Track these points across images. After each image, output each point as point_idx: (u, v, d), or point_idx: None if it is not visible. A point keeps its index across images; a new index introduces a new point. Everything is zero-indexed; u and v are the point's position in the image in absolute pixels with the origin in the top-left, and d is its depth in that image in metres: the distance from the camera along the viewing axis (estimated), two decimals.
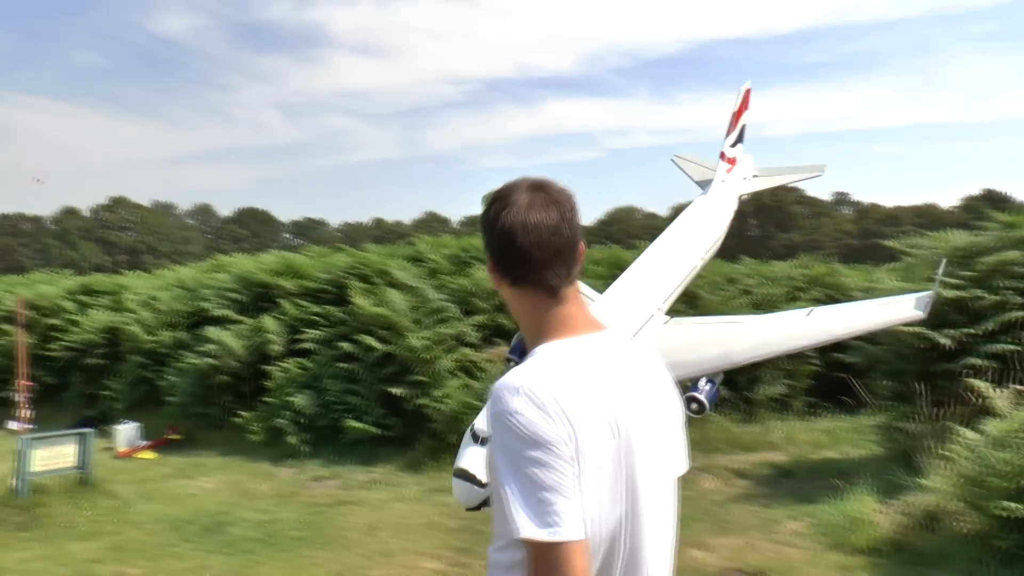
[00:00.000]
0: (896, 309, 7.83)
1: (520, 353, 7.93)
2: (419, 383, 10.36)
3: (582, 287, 4.12)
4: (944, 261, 8.19)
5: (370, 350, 10.72)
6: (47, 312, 14.82)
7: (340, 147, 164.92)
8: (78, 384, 14.06)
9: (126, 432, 11.96)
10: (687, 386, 7.84)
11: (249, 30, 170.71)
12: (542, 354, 1.84)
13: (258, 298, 12.59)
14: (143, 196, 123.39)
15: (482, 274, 11.49)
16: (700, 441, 10.26)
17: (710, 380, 7.95)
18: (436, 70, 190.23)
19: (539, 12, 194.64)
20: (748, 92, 11.24)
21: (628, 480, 1.77)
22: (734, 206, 10.67)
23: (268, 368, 11.32)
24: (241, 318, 12.21)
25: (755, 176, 11.26)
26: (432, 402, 10.07)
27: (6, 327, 14.66)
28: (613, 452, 1.74)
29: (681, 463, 1.99)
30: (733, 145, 10.95)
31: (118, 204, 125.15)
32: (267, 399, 11.04)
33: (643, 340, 2.16)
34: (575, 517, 1.66)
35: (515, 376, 1.77)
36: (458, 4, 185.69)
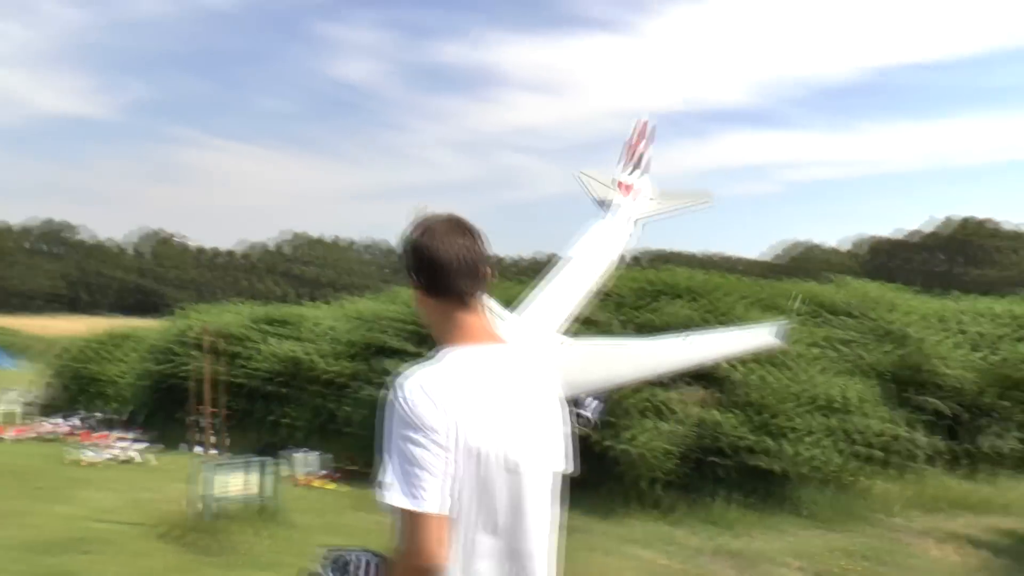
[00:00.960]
0: (757, 335, 9.09)
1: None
2: (607, 424, 9.76)
3: (491, 303, 5.60)
4: None
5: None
6: (233, 340, 15.19)
7: (510, 183, 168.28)
8: (261, 411, 14.27)
9: (305, 460, 11.96)
10: (576, 402, 8.60)
11: (425, 72, 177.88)
12: (444, 356, 2.13)
13: None
14: (324, 231, 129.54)
15: (672, 308, 10.84)
16: (918, 499, 9.18)
17: (597, 398, 8.95)
18: (605, 104, 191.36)
19: (709, 43, 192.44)
20: (645, 124, 11.90)
21: (495, 471, 2.03)
22: (630, 229, 11.27)
23: None
24: (419, 350, 12.01)
25: (651, 200, 11.77)
26: (621, 444, 9.45)
27: (195, 353, 15.11)
28: (485, 447, 2.01)
29: (561, 461, 2.26)
30: (630, 173, 11.55)
31: (300, 239, 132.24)
32: None
33: (536, 353, 2.54)
34: (438, 494, 1.95)
35: (417, 372, 2.06)
36: (627, 36, 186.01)
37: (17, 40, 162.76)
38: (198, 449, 11.72)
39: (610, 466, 9.63)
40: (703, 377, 10.08)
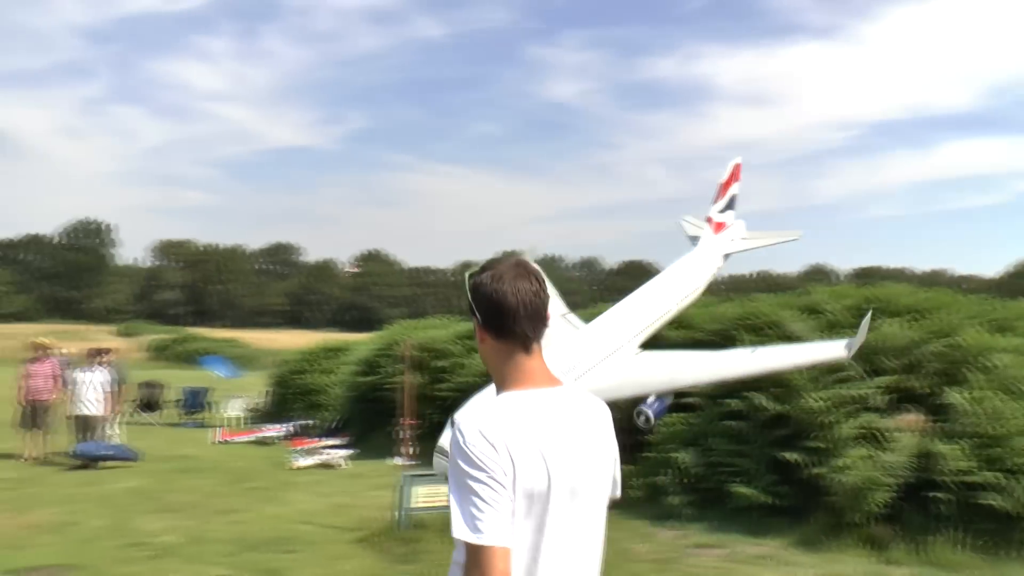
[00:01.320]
0: (823, 349, 9.20)
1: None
2: (815, 449, 9.04)
3: (570, 315, 9.29)
4: None
5: (760, 409, 9.58)
6: (437, 355, 15.40)
7: None
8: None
9: None
10: (641, 400, 9.78)
11: (635, 90, 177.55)
12: (504, 399, 2.24)
13: None
14: (536, 250, 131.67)
15: (889, 329, 9.88)
16: None
17: (659, 398, 9.78)
18: (821, 115, 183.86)
19: (933, 47, 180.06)
20: (738, 167, 12.49)
21: (552, 507, 2.14)
22: (719, 263, 12.29)
23: None
24: None
25: (743, 239, 12.62)
26: (831, 472, 8.71)
27: (400, 367, 15.44)
28: (543, 485, 2.12)
29: (613, 490, 2.40)
30: (722, 211, 12.29)
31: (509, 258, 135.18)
32: (647, 454, 10.25)
33: (587, 393, 2.48)
34: (500, 528, 2.03)
35: (477, 413, 2.16)
36: (843, 43, 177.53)
37: (251, 81, 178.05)
38: (397, 460, 11.87)
39: (817, 494, 8.92)
40: (918, 401, 9.12)
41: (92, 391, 14.00)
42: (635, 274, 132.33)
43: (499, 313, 2.23)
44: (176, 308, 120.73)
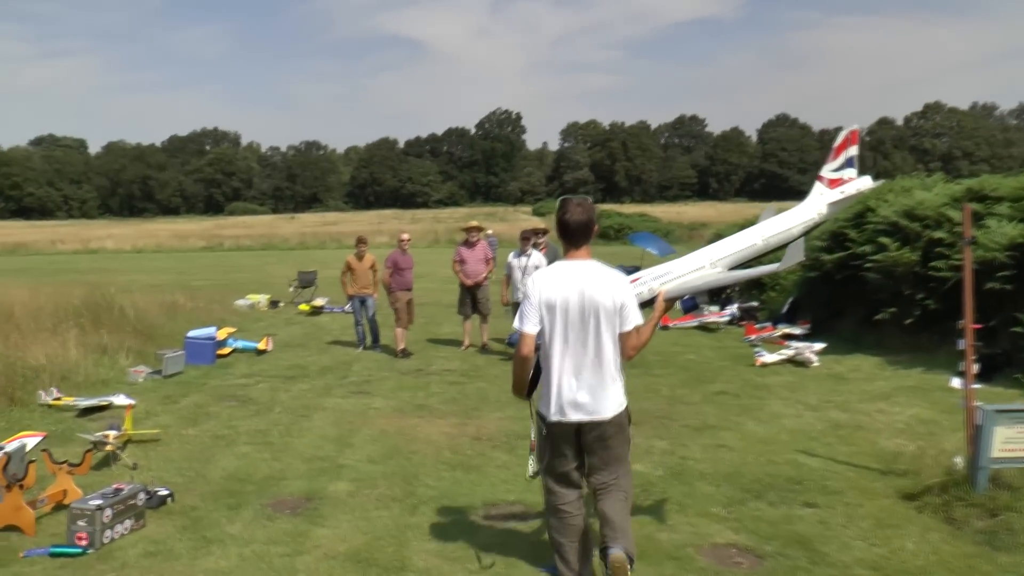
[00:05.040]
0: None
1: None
2: None
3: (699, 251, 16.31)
4: None
5: None
6: (928, 224, 12.11)
7: None
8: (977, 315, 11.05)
9: None
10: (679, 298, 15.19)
11: None
12: (557, 264, 4.61)
13: None
14: (960, 100, 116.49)
15: None
16: None
17: (692, 296, 15.53)
18: None
19: None
20: (854, 133, 15.10)
21: (562, 318, 4.42)
22: (821, 211, 15.11)
23: None
24: None
25: (856, 191, 14.65)
26: None
27: (884, 240, 12.40)
28: (560, 305, 4.41)
29: (622, 324, 4.45)
30: (835, 170, 14.97)
31: (932, 110, 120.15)
32: None
33: (605, 267, 4.58)
34: (532, 323, 4.43)
35: (539, 271, 4.82)
36: None
37: None
38: (955, 381, 9.00)
39: None
40: None
41: (528, 277, 12.83)
42: None
43: (561, 227, 4.57)
44: (586, 187, 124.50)
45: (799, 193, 21.06)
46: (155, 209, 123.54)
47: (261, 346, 13.20)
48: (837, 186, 15.09)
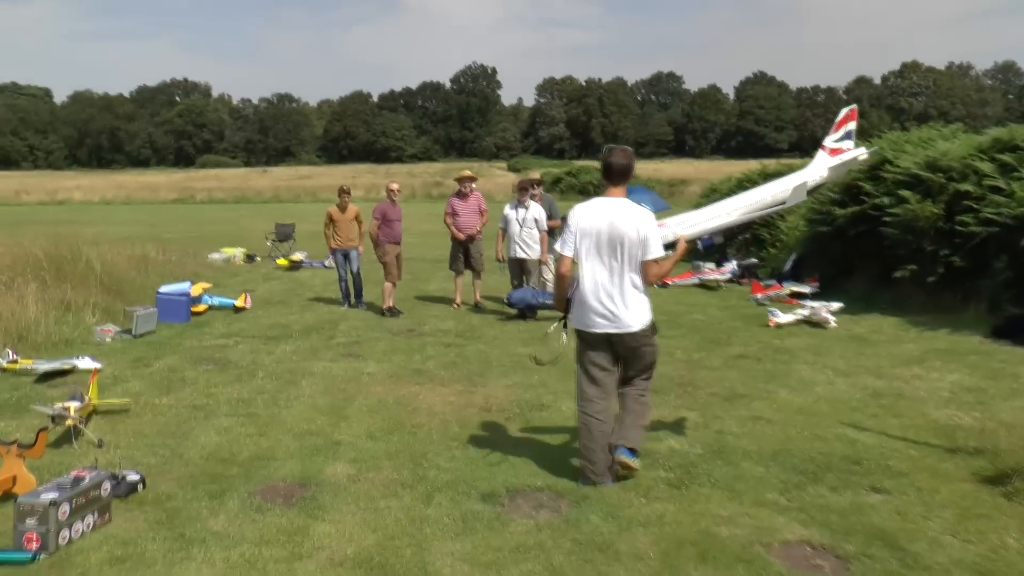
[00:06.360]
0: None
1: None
2: None
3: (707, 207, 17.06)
4: None
5: None
6: (954, 175, 11.37)
7: None
8: (1004, 271, 10.39)
9: None
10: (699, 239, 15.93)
11: None
12: (594, 199, 5.35)
13: None
14: (937, 59, 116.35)
15: None
16: None
17: (710, 237, 16.29)
18: None
19: None
20: (853, 111, 15.88)
21: (594, 243, 5.17)
22: (823, 174, 15.23)
23: None
24: None
25: (851, 159, 14.22)
26: None
27: (905, 193, 11.65)
28: (593, 233, 5.16)
29: (644, 252, 5.13)
30: (837, 141, 15.38)
31: (909, 69, 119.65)
32: None
33: (633, 204, 5.31)
34: (570, 247, 5.21)
35: (578, 206, 5.38)
36: None
37: None
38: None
39: None
40: None
41: (527, 231, 11.98)
42: None
43: (605, 168, 5.30)
44: (561, 143, 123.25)
45: (776, 151, 20.85)
46: (124, 161, 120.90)
47: (239, 303, 12.29)
48: (837, 155, 15.83)
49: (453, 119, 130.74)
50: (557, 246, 5.36)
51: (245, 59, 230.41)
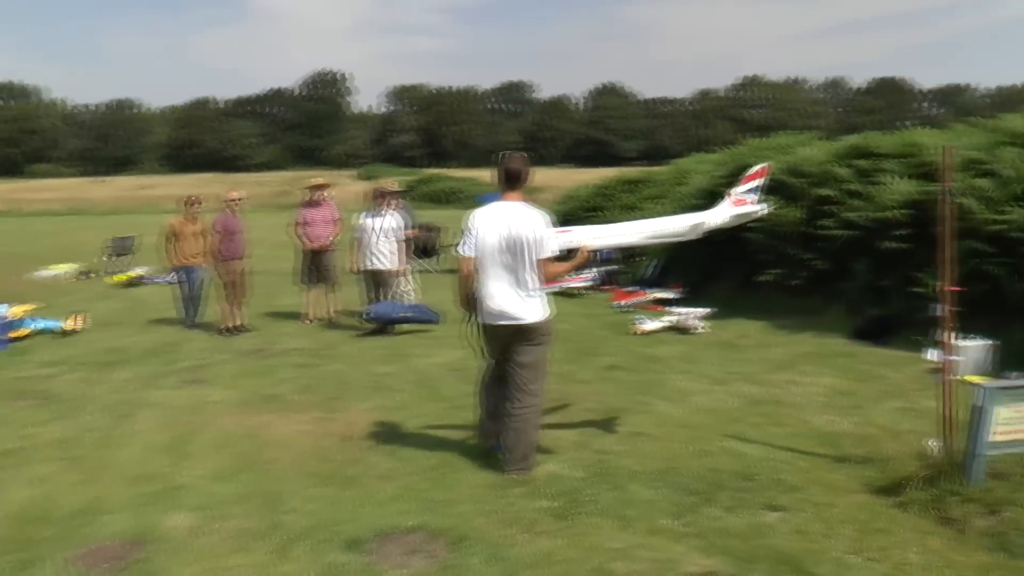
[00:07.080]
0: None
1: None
2: None
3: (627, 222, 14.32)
4: None
5: None
6: (814, 181, 11.52)
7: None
8: (863, 274, 10.55)
9: (975, 353, 8.11)
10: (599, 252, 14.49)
11: None
12: (492, 204, 5.62)
13: None
14: (776, 74, 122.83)
15: None
16: None
17: (609, 251, 15.25)
18: None
19: None
20: (764, 168, 12.37)
21: (492, 243, 5.49)
22: (724, 219, 12.39)
23: None
24: None
25: (748, 213, 12.45)
26: None
27: (772, 198, 11.73)
28: (494, 235, 5.48)
29: (539, 251, 5.47)
30: (742, 193, 12.58)
31: (751, 83, 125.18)
32: None
33: (526, 206, 5.60)
34: (471, 248, 5.56)
35: (478, 210, 5.68)
36: None
37: None
38: (931, 354, 8.07)
39: None
40: None
41: (384, 241, 11.35)
42: (886, 94, 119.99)
43: (502, 174, 5.62)
44: (412, 151, 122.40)
45: (624, 159, 20.70)
46: None
47: (68, 326, 11.11)
48: (740, 205, 15.70)
49: (303, 126, 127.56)
50: (459, 248, 5.70)
51: (82, 62, 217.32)
